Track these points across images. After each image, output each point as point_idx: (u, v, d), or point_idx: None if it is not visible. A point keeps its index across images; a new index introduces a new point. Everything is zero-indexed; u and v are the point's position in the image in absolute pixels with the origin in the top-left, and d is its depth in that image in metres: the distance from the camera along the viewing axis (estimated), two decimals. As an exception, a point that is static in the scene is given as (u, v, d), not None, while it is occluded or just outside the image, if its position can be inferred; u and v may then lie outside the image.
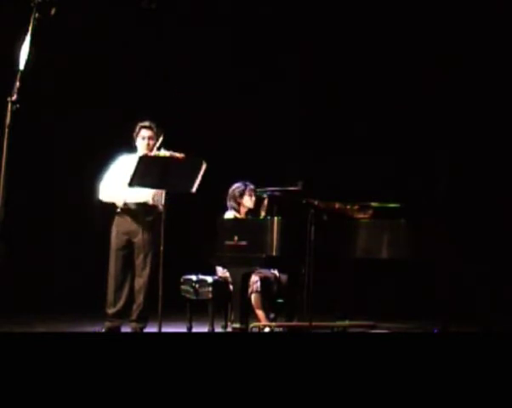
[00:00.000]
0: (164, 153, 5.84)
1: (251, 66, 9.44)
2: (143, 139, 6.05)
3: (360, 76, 9.41)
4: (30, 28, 4.41)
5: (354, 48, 9.40)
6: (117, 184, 5.93)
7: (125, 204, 5.95)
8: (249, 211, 6.57)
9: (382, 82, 9.35)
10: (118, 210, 5.98)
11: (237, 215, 6.50)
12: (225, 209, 6.54)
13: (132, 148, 6.11)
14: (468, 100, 9.04)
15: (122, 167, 5.98)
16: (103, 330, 5.93)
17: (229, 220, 6.39)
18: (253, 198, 6.53)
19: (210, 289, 6.22)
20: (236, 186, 6.55)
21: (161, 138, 5.91)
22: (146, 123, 6.07)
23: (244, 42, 9.38)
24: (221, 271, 6.41)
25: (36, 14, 4.41)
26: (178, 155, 5.79)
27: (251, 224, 6.26)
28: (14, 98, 4.32)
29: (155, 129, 6.04)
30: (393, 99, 9.30)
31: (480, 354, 3.62)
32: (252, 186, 6.53)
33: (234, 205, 6.52)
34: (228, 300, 6.29)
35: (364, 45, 9.37)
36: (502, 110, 8.94)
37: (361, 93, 9.33)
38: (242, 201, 6.52)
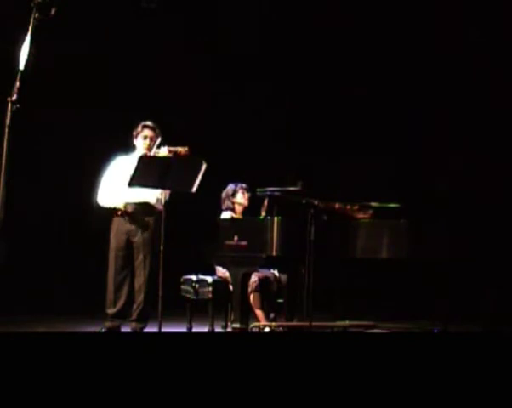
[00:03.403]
0: (164, 152, 5.84)
1: (251, 66, 9.44)
2: (144, 139, 6.04)
3: (360, 76, 9.41)
4: (30, 28, 4.41)
5: (354, 46, 9.40)
6: (116, 185, 5.93)
7: (126, 204, 5.95)
8: (245, 209, 6.58)
9: (382, 82, 9.35)
10: (119, 212, 5.97)
11: (234, 215, 6.51)
12: (222, 211, 6.57)
13: (129, 147, 6.11)
14: (468, 100, 9.04)
15: (121, 167, 5.97)
16: (103, 330, 5.93)
17: (229, 220, 6.39)
18: (246, 195, 6.56)
19: (210, 289, 6.23)
20: (228, 187, 6.59)
21: (158, 141, 5.91)
22: (149, 123, 6.07)
23: (244, 41, 9.38)
24: (221, 271, 6.41)
25: (36, 14, 4.41)
26: (180, 148, 5.79)
27: (251, 224, 6.27)
28: (14, 98, 4.31)
29: (157, 130, 6.04)
30: (393, 99, 9.31)
31: (481, 354, 3.62)
32: (243, 185, 6.57)
33: (229, 204, 6.55)
34: (228, 300, 6.29)
35: (364, 42, 9.38)
36: (502, 109, 8.94)
37: (362, 93, 9.33)
38: (236, 199, 6.55)
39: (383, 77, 9.36)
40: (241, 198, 6.56)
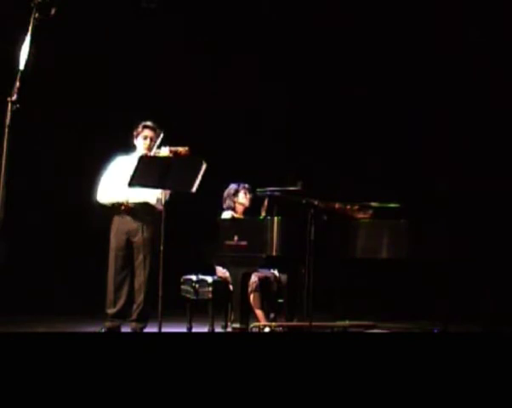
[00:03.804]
0: (164, 152, 5.84)
1: (251, 66, 9.44)
2: (145, 139, 6.04)
3: (360, 75, 9.41)
4: (30, 28, 4.41)
5: (354, 46, 9.41)
6: (116, 183, 5.93)
7: (127, 202, 5.95)
8: (246, 210, 6.58)
9: (382, 82, 9.35)
10: (122, 208, 5.96)
11: (234, 214, 6.51)
12: (223, 210, 6.56)
13: (129, 147, 6.11)
14: (468, 100, 9.04)
15: (121, 167, 5.97)
16: (103, 330, 5.93)
17: (229, 220, 6.39)
18: (248, 196, 6.56)
19: (210, 289, 6.23)
20: (231, 186, 6.59)
21: (160, 137, 5.90)
22: (149, 123, 6.07)
23: (245, 41, 9.38)
24: (221, 271, 6.41)
25: (36, 14, 4.41)
26: (181, 148, 5.79)
27: (251, 224, 6.26)
28: (14, 98, 4.32)
29: (157, 131, 6.04)
30: (393, 99, 9.31)
31: (481, 354, 3.62)
32: (246, 185, 6.56)
33: (230, 203, 6.54)
34: (228, 300, 6.29)
35: (364, 42, 9.37)
36: (502, 109, 8.94)
37: (362, 93, 9.33)
38: (237, 199, 6.54)
39: (383, 77, 9.36)
40: (243, 198, 6.55)
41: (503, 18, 8.83)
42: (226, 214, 6.50)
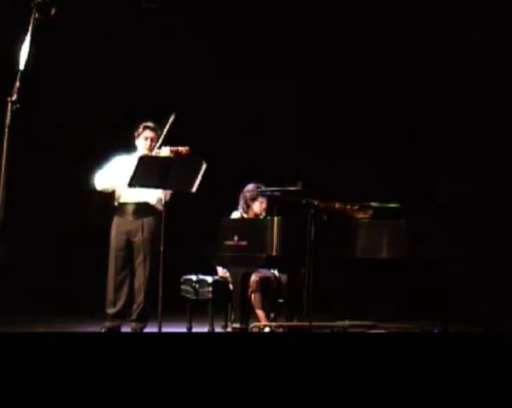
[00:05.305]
0: (165, 152, 5.84)
1: (251, 66, 9.43)
2: (145, 140, 6.04)
3: (361, 76, 9.41)
4: (30, 28, 4.42)
5: (354, 47, 9.41)
6: (116, 175, 5.93)
7: (124, 202, 5.95)
8: (257, 216, 6.56)
9: (382, 82, 9.35)
10: (121, 200, 5.96)
11: (245, 216, 6.51)
12: (228, 208, 6.54)
13: (130, 147, 6.11)
14: (468, 100, 9.04)
15: (120, 167, 5.97)
16: (103, 330, 5.94)
17: (229, 220, 6.39)
18: (264, 205, 6.52)
19: (210, 289, 6.23)
20: (251, 189, 6.53)
21: (172, 118, 5.82)
22: (150, 124, 6.07)
23: (245, 40, 9.38)
24: (221, 271, 6.42)
25: (36, 14, 4.41)
26: (181, 148, 5.79)
27: (251, 224, 6.26)
28: (14, 98, 4.32)
29: (158, 131, 6.03)
30: (393, 99, 9.31)
31: (481, 354, 3.62)
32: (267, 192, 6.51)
33: (244, 205, 6.52)
34: (228, 300, 6.29)
35: (365, 43, 9.38)
36: (502, 109, 8.94)
37: (362, 93, 9.33)
38: (252, 205, 6.51)
39: (383, 77, 9.36)
40: (258, 207, 6.51)
41: (503, 18, 8.83)
42: (236, 214, 6.50)
